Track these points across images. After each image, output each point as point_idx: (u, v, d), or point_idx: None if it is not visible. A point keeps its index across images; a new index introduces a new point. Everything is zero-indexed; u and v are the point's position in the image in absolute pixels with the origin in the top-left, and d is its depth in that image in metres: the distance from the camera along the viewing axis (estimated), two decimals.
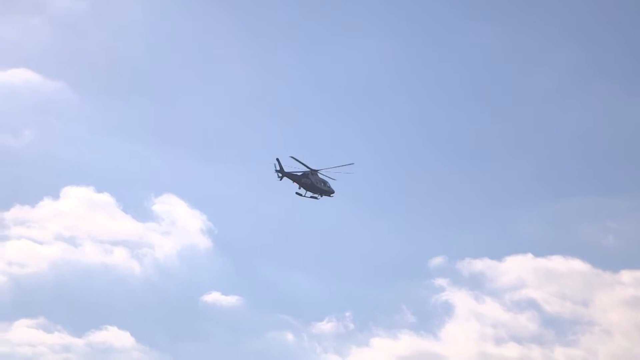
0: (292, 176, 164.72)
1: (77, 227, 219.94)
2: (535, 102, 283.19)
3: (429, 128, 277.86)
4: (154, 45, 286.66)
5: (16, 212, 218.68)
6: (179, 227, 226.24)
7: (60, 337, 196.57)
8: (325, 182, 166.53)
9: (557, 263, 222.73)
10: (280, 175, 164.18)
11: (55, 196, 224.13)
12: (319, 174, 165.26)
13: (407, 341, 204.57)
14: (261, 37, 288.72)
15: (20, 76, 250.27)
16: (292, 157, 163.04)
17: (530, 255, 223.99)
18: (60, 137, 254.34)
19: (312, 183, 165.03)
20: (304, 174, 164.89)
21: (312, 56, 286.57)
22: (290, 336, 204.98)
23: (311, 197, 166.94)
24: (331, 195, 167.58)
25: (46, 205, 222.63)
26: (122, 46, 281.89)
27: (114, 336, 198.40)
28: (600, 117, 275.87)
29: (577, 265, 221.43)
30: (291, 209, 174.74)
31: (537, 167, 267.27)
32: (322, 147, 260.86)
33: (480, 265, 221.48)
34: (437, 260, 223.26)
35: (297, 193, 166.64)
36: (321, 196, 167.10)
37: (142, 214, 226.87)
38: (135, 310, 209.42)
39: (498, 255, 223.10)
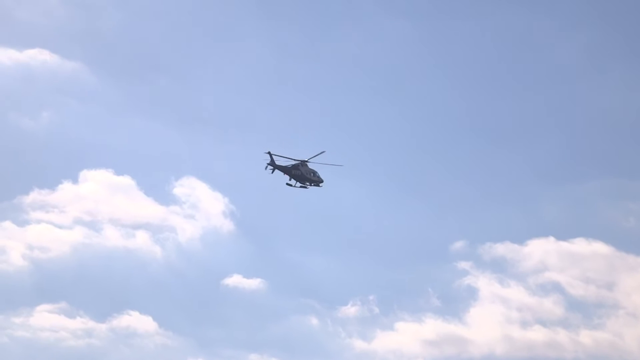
0: (282, 168, 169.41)
1: (97, 210, 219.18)
2: (555, 82, 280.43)
3: (449, 110, 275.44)
4: (173, 23, 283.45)
5: (35, 196, 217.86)
6: (200, 210, 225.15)
7: (82, 322, 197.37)
8: (314, 173, 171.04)
9: (580, 246, 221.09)
10: (271, 168, 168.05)
11: (75, 179, 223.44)
12: (308, 165, 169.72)
13: (433, 325, 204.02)
14: (277, 16, 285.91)
15: (37, 57, 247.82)
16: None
17: (552, 239, 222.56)
18: (78, 118, 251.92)
19: (302, 174, 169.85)
20: (294, 166, 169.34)
21: (332, 35, 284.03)
22: (314, 321, 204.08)
23: (301, 186, 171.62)
24: (320, 185, 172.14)
25: (65, 188, 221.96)
26: (140, 25, 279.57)
27: (137, 321, 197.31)
28: (622, 98, 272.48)
29: (600, 248, 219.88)
30: (313, 191, 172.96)
31: (558, 149, 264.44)
32: (343, 128, 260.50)
33: (502, 249, 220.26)
34: (459, 245, 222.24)
35: (287, 184, 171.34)
36: (310, 185, 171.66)
37: (163, 196, 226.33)
38: (157, 295, 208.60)
39: (520, 239, 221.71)
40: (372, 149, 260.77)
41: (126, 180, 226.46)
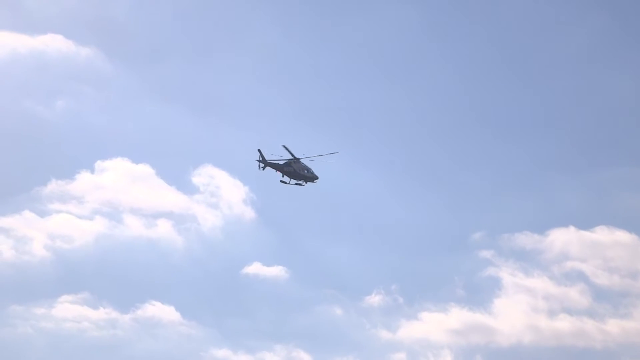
0: (274, 165, 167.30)
1: (117, 200, 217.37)
2: (575, 70, 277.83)
3: (466, 100, 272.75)
4: (189, 8, 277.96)
5: (53, 187, 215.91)
6: (222, 199, 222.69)
7: (105, 313, 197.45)
8: (308, 169, 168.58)
9: (602, 235, 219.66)
10: (262, 165, 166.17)
11: (92, 169, 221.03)
12: (301, 161, 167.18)
13: (458, 314, 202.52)
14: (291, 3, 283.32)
15: (51, 43, 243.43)
16: (283, 147, 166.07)
17: (572, 228, 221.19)
18: (93, 106, 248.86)
19: (295, 171, 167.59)
20: (287, 163, 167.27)
21: (347, 23, 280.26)
22: (338, 311, 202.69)
23: (296, 184, 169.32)
24: (315, 181, 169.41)
25: (83, 178, 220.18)
26: (156, 9, 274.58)
27: (160, 311, 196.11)
28: None
29: (622, 236, 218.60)
30: (335, 180, 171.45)
31: (577, 137, 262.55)
32: (361, 119, 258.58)
33: (522, 239, 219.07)
34: (478, 235, 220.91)
35: (281, 181, 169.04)
36: (305, 182, 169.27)
37: (185, 185, 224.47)
38: (180, 285, 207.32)
39: (540, 229, 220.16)
40: (392, 140, 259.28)
41: (145, 169, 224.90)
